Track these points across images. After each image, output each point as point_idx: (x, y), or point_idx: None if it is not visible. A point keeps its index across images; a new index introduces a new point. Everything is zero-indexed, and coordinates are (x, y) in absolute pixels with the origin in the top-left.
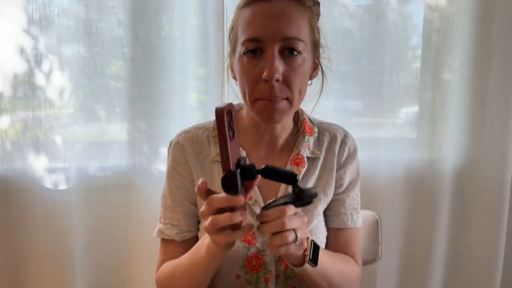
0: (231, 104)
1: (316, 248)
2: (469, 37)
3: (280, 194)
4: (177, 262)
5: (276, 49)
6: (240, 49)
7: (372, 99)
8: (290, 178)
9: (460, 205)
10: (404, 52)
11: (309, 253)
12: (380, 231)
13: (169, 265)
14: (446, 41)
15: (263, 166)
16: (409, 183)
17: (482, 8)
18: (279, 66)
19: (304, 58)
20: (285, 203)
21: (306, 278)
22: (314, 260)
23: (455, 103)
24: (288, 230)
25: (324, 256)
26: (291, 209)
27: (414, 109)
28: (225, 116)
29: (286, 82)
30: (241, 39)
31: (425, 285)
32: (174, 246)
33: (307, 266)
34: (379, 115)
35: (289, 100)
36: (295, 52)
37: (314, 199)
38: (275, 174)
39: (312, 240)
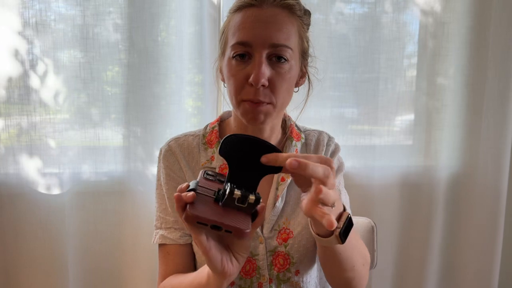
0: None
1: (349, 226)
2: (464, 44)
3: (273, 190)
4: (180, 283)
5: (264, 54)
6: (229, 52)
7: (368, 107)
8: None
9: (455, 212)
10: (400, 60)
11: (341, 227)
12: (376, 238)
13: (173, 282)
14: (441, 48)
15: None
16: (405, 190)
17: (478, 16)
18: (266, 72)
19: (292, 65)
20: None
21: (328, 256)
22: (344, 236)
23: (450, 110)
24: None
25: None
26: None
27: (410, 116)
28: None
29: (272, 87)
30: (230, 42)
31: None
32: (176, 251)
33: (332, 239)
34: (375, 122)
35: (273, 105)
36: (283, 59)
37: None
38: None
39: (349, 215)
